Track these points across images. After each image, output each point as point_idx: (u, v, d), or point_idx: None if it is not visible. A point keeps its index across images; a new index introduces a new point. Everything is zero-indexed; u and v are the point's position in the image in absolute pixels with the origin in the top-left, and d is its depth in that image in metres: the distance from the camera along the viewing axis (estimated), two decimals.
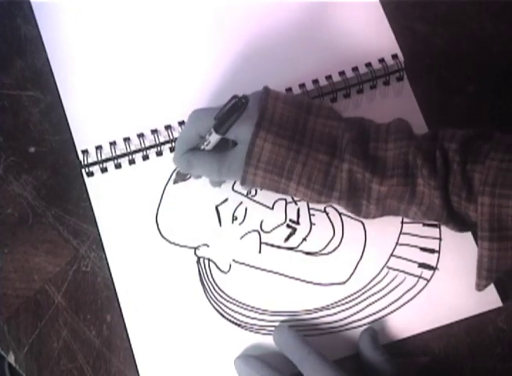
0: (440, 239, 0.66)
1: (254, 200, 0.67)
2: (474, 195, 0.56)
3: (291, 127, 0.59)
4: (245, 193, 0.67)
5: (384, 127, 0.60)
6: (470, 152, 0.57)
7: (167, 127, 0.67)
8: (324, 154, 0.58)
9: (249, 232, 0.66)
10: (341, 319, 0.64)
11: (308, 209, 0.67)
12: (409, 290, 0.65)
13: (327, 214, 0.67)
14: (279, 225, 0.66)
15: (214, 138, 0.59)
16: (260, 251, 0.66)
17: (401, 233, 0.66)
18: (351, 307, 0.65)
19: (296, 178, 0.59)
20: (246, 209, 0.66)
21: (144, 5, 0.71)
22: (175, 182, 0.66)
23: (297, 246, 0.66)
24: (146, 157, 0.67)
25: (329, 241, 0.66)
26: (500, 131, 0.59)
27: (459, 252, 0.65)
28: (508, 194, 0.54)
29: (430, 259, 0.66)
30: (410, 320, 0.64)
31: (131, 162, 0.67)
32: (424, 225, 0.66)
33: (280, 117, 0.59)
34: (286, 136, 0.58)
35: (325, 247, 0.66)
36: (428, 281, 0.65)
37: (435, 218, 0.59)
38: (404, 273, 0.66)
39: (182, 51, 0.70)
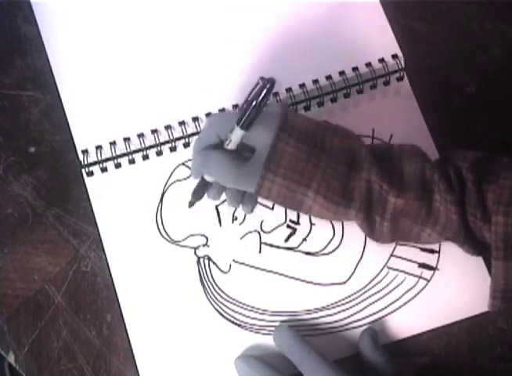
0: None
1: None
2: (489, 215, 0.55)
3: (311, 137, 0.57)
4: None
5: (398, 147, 0.60)
6: (483, 171, 0.56)
7: (167, 127, 0.67)
8: (343, 165, 0.57)
9: (249, 232, 0.66)
10: (341, 320, 0.64)
11: None
12: (409, 290, 0.65)
13: None
14: (279, 226, 0.66)
15: (236, 135, 0.57)
16: (260, 251, 0.66)
17: None
18: (351, 307, 0.65)
19: (315, 185, 0.57)
20: None
21: (144, 5, 0.71)
22: (191, 205, 0.63)
23: (297, 246, 0.66)
24: (145, 157, 0.67)
25: (330, 241, 0.66)
26: (501, 132, 0.58)
27: (459, 252, 0.65)
28: None
29: (430, 259, 0.66)
30: (410, 320, 0.65)
31: (131, 162, 0.67)
32: None
33: (301, 126, 0.58)
34: (307, 143, 0.57)
35: (325, 247, 0.66)
36: (428, 281, 0.65)
37: (452, 236, 0.58)
38: (404, 273, 0.66)
39: (182, 51, 0.70)
